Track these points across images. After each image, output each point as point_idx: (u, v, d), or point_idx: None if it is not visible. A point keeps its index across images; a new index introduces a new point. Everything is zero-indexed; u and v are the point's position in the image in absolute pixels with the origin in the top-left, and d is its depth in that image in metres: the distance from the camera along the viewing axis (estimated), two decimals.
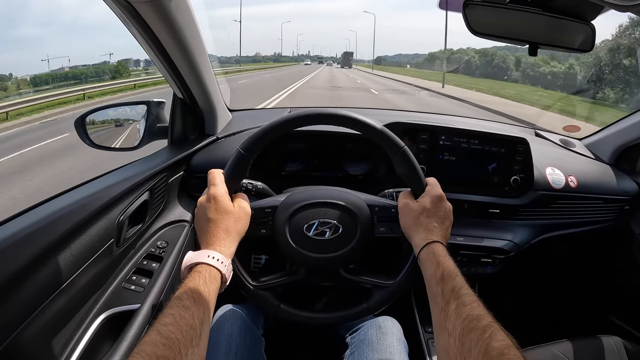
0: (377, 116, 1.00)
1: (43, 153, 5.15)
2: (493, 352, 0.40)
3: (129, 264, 0.78)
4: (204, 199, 0.61)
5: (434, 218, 0.61)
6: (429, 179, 0.66)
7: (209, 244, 0.57)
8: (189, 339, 0.44)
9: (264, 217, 0.67)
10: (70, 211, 0.63)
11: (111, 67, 19.87)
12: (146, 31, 0.67)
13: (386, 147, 0.65)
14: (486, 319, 0.45)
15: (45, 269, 0.56)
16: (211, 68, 0.87)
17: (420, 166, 0.92)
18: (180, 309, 0.46)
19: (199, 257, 0.54)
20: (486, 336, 0.42)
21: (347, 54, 56.65)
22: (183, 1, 0.67)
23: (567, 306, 1.34)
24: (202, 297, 0.49)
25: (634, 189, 1.09)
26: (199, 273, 0.52)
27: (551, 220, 1.02)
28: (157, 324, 0.44)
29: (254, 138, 0.63)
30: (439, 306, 0.50)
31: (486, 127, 1.06)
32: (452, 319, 0.47)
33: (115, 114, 0.98)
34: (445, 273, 0.53)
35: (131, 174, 0.78)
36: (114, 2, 0.59)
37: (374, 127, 0.64)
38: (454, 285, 0.50)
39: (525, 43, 0.71)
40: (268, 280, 0.67)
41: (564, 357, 0.91)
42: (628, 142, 1.12)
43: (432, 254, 0.56)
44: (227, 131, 1.02)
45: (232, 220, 0.60)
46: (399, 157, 0.64)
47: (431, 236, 0.59)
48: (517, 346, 0.41)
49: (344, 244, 0.65)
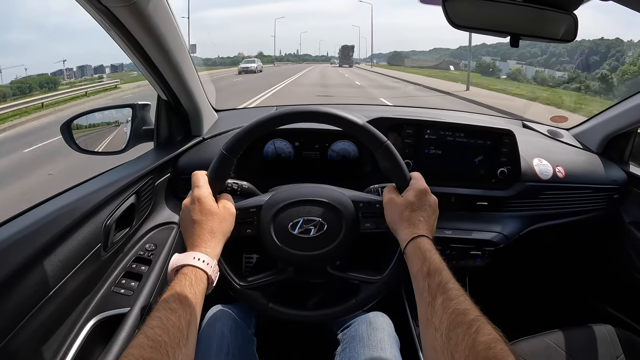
0: (362, 112, 1.00)
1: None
2: (480, 346, 0.40)
3: (118, 268, 0.78)
4: (188, 201, 0.62)
5: (419, 212, 0.61)
6: (413, 173, 0.66)
7: (195, 245, 0.57)
8: (176, 341, 0.44)
9: (249, 217, 0.67)
10: (57, 217, 0.63)
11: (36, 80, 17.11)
12: (125, 35, 0.67)
13: (369, 142, 0.65)
14: (473, 313, 0.45)
15: (33, 276, 0.56)
16: (194, 69, 0.87)
17: (406, 161, 0.93)
18: (167, 311, 0.47)
19: (184, 259, 0.55)
20: (473, 330, 0.42)
21: (346, 49, 45.60)
22: (161, 4, 0.67)
23: (559, 296, 1.35)
24: (188, 299, 0.49)
25: (622, 178, 1.09)
26: (185, 275, 0.52)
27: (540, 211, 1.02)
28: (145, 327, 0.44)
29: (236, 138, 0.63)
30: (425, 301, 0.50)
31: (472, 119, 1.06)
32: (439, 314, 0.47)
33: (102, 118, 0.98)
34: (431, 268, 0.52)
35: (117, 177, 0.78)
36: (91, 7, 0.59)
37: (356, 123, 0.64)
38: (440, 280, 0.50)
39: (506, 35, 0.70)
40: (255, 279, 0.67)
41: (557, 347, 0.92)
42: (615, 131, 1.13)
43: (418, 248, 0.56)
44: (213, 131, 1.02)
45: (217, 221, 0.60)
46: (381, 152, 0.64)
47: (417, 230, 0.59)
48: (504, 340, 0.41)
49: (329, 241, 0.66)
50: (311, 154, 1.00)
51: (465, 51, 50.82)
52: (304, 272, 0.70)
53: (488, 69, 26.32)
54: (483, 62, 28.78)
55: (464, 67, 31.79)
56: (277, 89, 12.53)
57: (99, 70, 28.05)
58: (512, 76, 22.41)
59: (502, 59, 27.72)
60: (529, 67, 24.44)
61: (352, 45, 45.68)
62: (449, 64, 35.54)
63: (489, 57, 29.60)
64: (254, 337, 0.78)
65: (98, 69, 28.39)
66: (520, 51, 28.86)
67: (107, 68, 28.32)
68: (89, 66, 28.45)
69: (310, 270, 0.70)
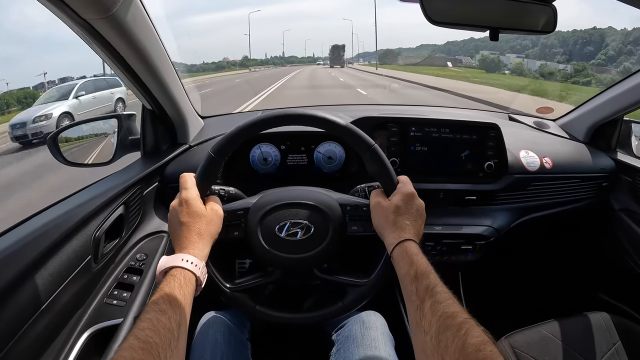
0: (347, 112, 1.00)
1: None
2: (469, 348, 0.41)
3: (109, 279, 0.78)
4: (176, 203, 0.62)
5: (406, 216, 0.61)
6: (401, 177, 0.66)
7: (182, 247, 0.57)
8: (167, 342, 0.44)
9: (237, 220, 0.67)
10: (45, 231, 0.63)
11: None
12: (106, 46, 0.67)
13: (356, 145, 0.65)
14: (461, 315, 0.45)
15: (23, 291, 0.57)
16: (177, 77, 0.87)
17: (392, 159, 0.94)
18: (157, 312, 0.47)
19: (173, 261, 0.55)
20: (462, 333, 0.42)
21: (336, 49, 42.73)
22: (140, 14, 0.67)
23: (554, 286, 1.35)
24: (177, 301, 0.50)
25: (610, 166, 1.10)
26: (174, 277, 0.53)
27: (529, 202, 1.03)
28: (135, 329, 0.44)
29: (224, 141, 0.64)
30: (414, 304, 0.50)
31: (457, 115, 1.07)
32: (428, 317, 0.47)
33: (89, 129, 0.98)
34: (418, 271, 0.52)
35: (105, 189, 0.78)
36: (70, 20, 0.59)
37: (343, 126, 0.64)
38: (428, 283, 0.50)
39: (485, 29, 0.71)
40: (243, 282, 0.68)
41: (552, 337, 0.92)
42: (602, 120, 1.14)
43: (405, 252, 0.56)
44: (199, 138, 1.02)
45: (205, 223, 0.60)
46: (369, 155, 0.64)
47: (403, 234, 0.59)
48: (493, 341, 0.42)
49: (316, 244, 0.66)
50: (297, 156, 1.00)
51: (453, 46, 49.75)
52: (292, 274, 0.70)
53: (492, 64, 24.95)
54: (487, 58, 27.32)
55: (461, 64, 30.81)
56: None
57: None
58: (518, 71, 21.29)
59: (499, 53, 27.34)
60: (530, 61, 23.45)
61: (342, 45, 43.21)
62: (446, 60, 34.34)
63: (486, 51, 29.02)
64: (248, 342, 0.78)
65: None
66: (510, 44, 28.74)
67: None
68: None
69: (297, 272, 0.70)
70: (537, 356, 0.87)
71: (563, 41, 21.10)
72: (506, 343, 0.90)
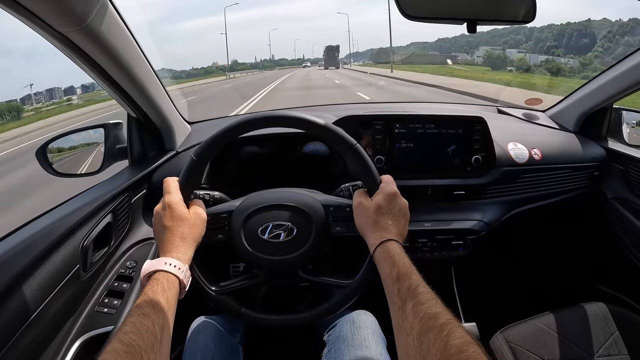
0: (333, 111, 1.01)
1: None
2: (452, 349, 0.40)
3: (100, 287, 0.79)
4: (159, 207, 0.63)
5: (388, 216, 0.60)
6: (384, 177, 0.65)
7: (166, 251, 0.58)
8: (150, 345, 0.45)
9: (220, 223, 0.67)
10: (32, 242, 0.64)
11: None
12: (84, 57, 0.68)
13: (337, 146, 0.65)
14: (444, 316, 0.44)
15: (12, 302, 0.57)
16: (159, 83, 0.87)
17: (378, 157, 0.93)
18: (140, 316, 0.47)
19: (156, 264, 0.55)
20: (444, 334, 0.42)
21: (330, 50, 42.02)
22: (115, 24, 0.67)
23: (549, 278, 1.34)
24: (161, 304, 0.50)
25: (601, 154, 1.09)
26: (157, 280, 0.53)
27: (519, 195, 1.02)
28: (119, 333, 0.45)
29: (205, 144, 0.64)
30: (396, 305, 0.50)
31: (443, 109, 1.07)
32: (410, 319, 0.46)
33: (79, 139, 0.98)
34: (401, 272, 0.52)
35: (92, 198, 0.78)
36: (46, 33, 0.60)
37: (323, 126, 0.64)
38: (410, 284, 0.50)
39: (462, 22, 0.70)
40: (228, 284, 0.68)
41: (548, 329, 0.91)
42: (591, 108, 1.13)
43: (387, 252, 0.56)
44: (187, 144, 1.02)
45: (188, 227, 0.61)
46: (351, 155, 0.64)
47: (385, 235, 0.58)
48: (476, 342, 0.41)
49: (299, 245, 0.66)
50: (282, 158, 1.00)
51: (444, 43, 48.77)
52: (276, 276, 0.70)
53: (498, 61, 23.25)
54: (492, 54, 25.83)
55: (461, 61, 29.58)
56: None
57: (69, 92, 26.90)
58: (524, 67, 20.11)
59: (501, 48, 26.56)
60: (532, 55, 22.37)
61: (337, 45, 42.59)
62: (446, 58, 33.18)
63: (487, 47, 28.37)
64: (240, 346, 0.78)
65: (68, 90, 27.24)
66: (504, 39, 28.40)
67: (78, 89, 27.20)
68: (59, 88, 27.38)
69: (281, 274, 0.70)
70: (533, 350, 0.86)
71: (557, 34, 20.80)
72: (501, 337, 0.89)
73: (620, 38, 17.54)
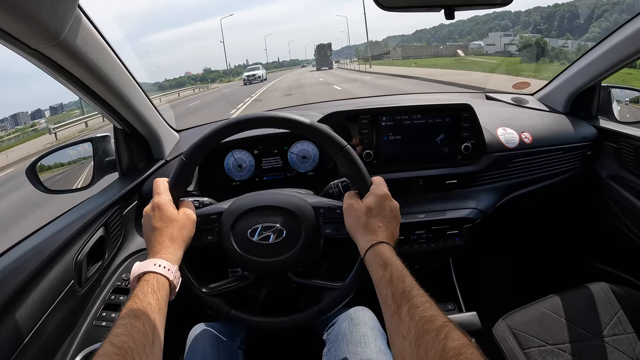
0: (318, 109, 1.00)
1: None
2: (450, 352, 0.40)
3: (97, 302, 0.79)
4: (149, 208, 0.62)
5: (379, 218, 0.59)
6: (374, 178, 0.64)
7: (155, 252, 0.57)
8: (141, 347, 0.44)
9: (210, 224, 0.67)
10: (24, 261, 0.64)
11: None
12: (62, 72, 0.67)
13: (328, 147, 0.64)
14: (440, 319, 0.44)
15: (7, 322, 0.57)
16: (142, 93, 0.87)
17: (367, 151, 0.93)
18: (131, 318, 0.47)
19: (145, 266, 0.55)
20: (442, 337, 0.41)
21: (322, 49, 38.19)
22: (91, 36, 0.67)
23: (549, 261, 1.33)
24: (151, 305, 0.50)
25: (592, 133, 1.08)
26: (147, 282, 0.53)
27: (512, 180, 1.01)
28: (110, 335, 0.45)
29: (195, 145, 0.64)
30: (390, 309, 0.49)
31: (429, 99, 1.06)
32: (406, 322, 0.46)
33: (69, 155, 0.98)
34: (394, 275, 0.51)
35: (82, 213, 0.78)
36: (21, 51, 0.60)
37: (315, 127, 0.64)
38: (404, 287, 0.49)
39: (439, 8, 0.69)
40: (217, 286, 0.67)
41: (551, 313, 0.91)
42: (579, 88, 1.12)
43: (379, 255, 0.55)
44: (175, 152, 1.02)
45: (177, 228, 0.60)
46: (341, 157, 0.63)
47: (376, 237, 0.57)
48: (474, 344, 0.41)
49: (289, 248, 0.65)
50: (272, 159, 1.00)
51: (423, 34, 46.53)
52: (266, 278, 0.70)
53: (537, 50, 17.73)
54: (529, 40, 21.83)
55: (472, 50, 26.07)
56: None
57: (37, 115, 25.89)
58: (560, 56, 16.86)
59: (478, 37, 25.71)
60: (552, 40, 20.44)
61: (328, 44, 38.31)
62: (456, 48, 30.02)
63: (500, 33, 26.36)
64: (239, 351, 0.78)
65: (35, 114, 26.33)
66: (488, 25, 27.76)
67: (46, 111, 26.39)
68: (25, 113, 26.34)
69: (271, 276, 0.70)
70: (537, 334, 0.86)
71: (547, 17, 20.31)
72: (504, 324, 0.88)
73: (618, 17, 16.89)
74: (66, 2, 0.57)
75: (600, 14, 18.62)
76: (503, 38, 25.10)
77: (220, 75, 57.24)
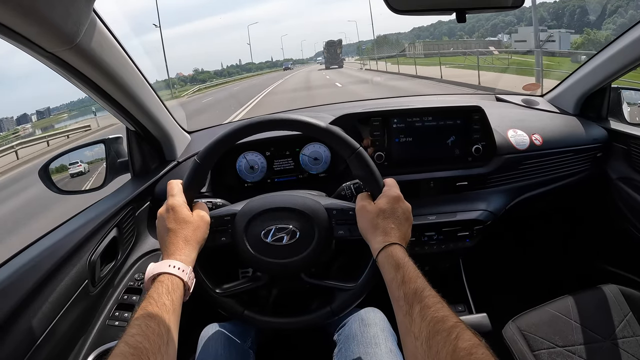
0: (329, 111, 1.00)
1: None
2: (461, 352, 0.40)
3: (110, 301, 0.79)
4: (163, 210, 0.63)
5: (391, 219, 0.60)
6: (387, 180, 0.65)
7: (170, 253, 0.58)
8: (156, 347, 0.45)
9: (223, 225, 0.68)
10: (39, 261, 0.65)
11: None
12: (77, 75, 0.68)
13: (340, 149, 0.64)
14: (451, 319, 0.44)
15: (22, 322, 0.58)
16: (155, 95, 0.87)
17: (378, 153, 0.93)
18: (146, 318, 0.48)
19: (160, 267, 0.56)
20: (453, 337, 0.42)
21: (332, 46, 34.95)
22: (106, 40, 0.68)
23: (559, 263, 1.33)
24: (166, 306, 0.50)
25: (602, 135, 1.08)
26: (162, 283, 0.53)
27: (523, 182, 1.01)
28: (125, 335, 0.45)
29: (208, 147, 0.65)
30: (402, 310, 0.49)
31: (440, 101, 1.06)
32: (417, 323, 0.46)
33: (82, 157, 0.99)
34: (406, 276, 0.52)
35: (96, 213, 0.79)
36: (37, 54, 0.61)
37: (328, 130, 0.64)
38: (416, 288, 0.50)
39: (451, 12, 0.69)
40: (231, 287, 0.68)
41: (561, 315, 0.91)
42: (589, 90, 1.12)
43: (391, 257, 0.55)
44: (187, 153, 1.03)
45: (191, 229, 0.61)
46: (354, 159, 0.63)
47: (388, 238, 0.58)
48: (484, 344, 0.41)
49: (302, 249, 0.66)
50: (283, 161, 1.00)
51: (421, 32, 44.21)
52: (279, 279, 0.71)
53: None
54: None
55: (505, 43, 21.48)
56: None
57: (22, 121, 25.42)
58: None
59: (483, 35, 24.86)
60: (563, 35, 19.49)
61: (339, 40, 35.00)
62: (488, 44, 24.78)
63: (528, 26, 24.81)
64: (250, 351, 0.78)
65: (21, 119, 25.90)
66: (492, 21, 27.24)
67: (33, 115, 26.01)
68: (9, 118, 25.86)
69: (284, 277, 0.70)
70: (546, 336, 0.86)
71: (554, 13, 19.79)
72: (513, 326, 0.88)
73: (635, 13, 16.01)
74: (81, 6, 0.58)
75: (613, 10, 18.03)
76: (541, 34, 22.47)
77: (211, 76, 59.01)
